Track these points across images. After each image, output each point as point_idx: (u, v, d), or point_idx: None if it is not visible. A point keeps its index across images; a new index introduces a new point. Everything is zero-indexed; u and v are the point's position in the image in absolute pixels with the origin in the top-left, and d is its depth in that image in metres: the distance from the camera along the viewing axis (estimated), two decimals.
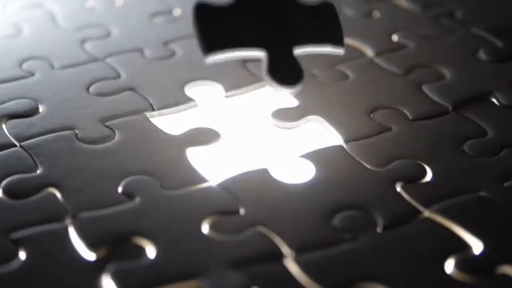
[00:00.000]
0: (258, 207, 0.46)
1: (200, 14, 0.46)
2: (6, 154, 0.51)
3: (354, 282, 0.42)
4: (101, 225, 0.45)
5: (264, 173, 0.49)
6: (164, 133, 0.53)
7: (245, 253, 0.43)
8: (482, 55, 0.62)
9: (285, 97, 0.55)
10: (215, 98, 0.57)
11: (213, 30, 0.46)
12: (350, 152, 0.51)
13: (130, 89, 0.58)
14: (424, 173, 0.49)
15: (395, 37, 0.65)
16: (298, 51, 0.48)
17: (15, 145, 0.52)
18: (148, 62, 0.62)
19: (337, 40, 0.49)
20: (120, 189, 0.48)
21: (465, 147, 0.51)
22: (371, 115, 0.54)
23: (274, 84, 0.46)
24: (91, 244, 0.44)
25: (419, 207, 0.46)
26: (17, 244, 0.44)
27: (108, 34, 0.66)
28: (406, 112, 0.55)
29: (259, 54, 0.47)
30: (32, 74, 0.60)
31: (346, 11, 0.69)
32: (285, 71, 0.47)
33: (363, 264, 0.43)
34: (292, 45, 0.48)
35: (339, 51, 0.50)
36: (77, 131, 0.53)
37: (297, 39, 0.48)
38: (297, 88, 0.47)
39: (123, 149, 0.51)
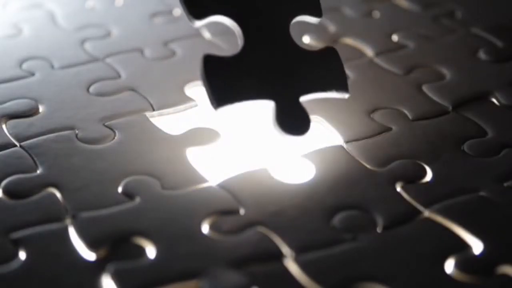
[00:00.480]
0: (258, 207, 0.46)
1: (208, 67, 0.47)
2: (6, 154, 0.51)
3: (354, 282, 0.42)
4: (101, 225, 0.45)
5: (264, 173, 0.49)
6: (164, 133, 0.53)
7: (245, 253, 0.43)
8: (482, 55, 0.62)
9: None
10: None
11: (221, 84, 0.47)
12: (350, 152, 0.51)
13: (130, 89, 0.58)
14: (424, 173, 0.49)
15: (395, 37, 0.65)
16: (304, 98, 0.49)
17: (15, 145, 0.52)
18: (148, 62, 0.62)
19: (341, 86, 0.50)
20: (120, 189, 0.48)
21: (465, 147, 0.51)
22: (371, 115, 0.55)
23: (283, 133, 0.47)
24: (91, 244, 0.44)
25: (419, 207, 0.46)
26: (17, 244, 0.44)
27: (108, 34, 0.66)
28: (406, 112, 0.55)
29: (267, 104, 0.48)
30: (32, 74, 0.60)
31: (346, 11, 0.69)
32: (292, 121, 0.48)
33: (363, 264, 0.43)
34: (299, 94, 0.49)
35: (343, 96, 0.50)
36: (77, 131, 0.53)
37: (303, 88, 0.49)
38: (305, 136, 0.48)
39: (123, 149, 0.51)
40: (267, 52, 0.49)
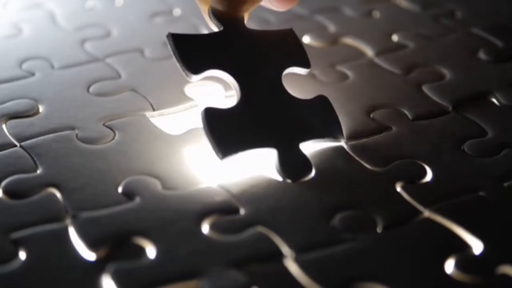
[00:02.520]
0: (258, 207, 0.46)
1: (209, 119, 0.49)
2: (6, 154, 0.51)
3: (354, 282, 0.42)
4: (101, 225, 0.45)
5: (264, 173, 0.49)
6: (164, 133, 0.53)
7: (245, 253, 0.43)
8: (482, 55, 0.62)
9: None
10: (215, 98, 0.57)
11: (224, 135, 0.49)
12: (350, 152, 0.51)
13: (130, 89, 0.58)
14: (424, 173, 0.49)
15: (395, 37, 0.65)
16: (304, 144, 0.50)
17: (15, 145, 0.52)
18: (148, 62, 0.62)
19: (336, 133, 0.51)
20: (120, 189, 0.48)
21: (465, 147, 0.51)
22: (371, 115, 0.55)
23: (286, 179, 0.48)
24: (91, 244, 0.44)
25: (419, 207, 0.46)
26: (17, 244, 0.44)
27: (108, 34, 0.66)
28: (406, 112, 0.55)
29: (270, 151, 0.49)
30: (32, 74, 0.60)
31: (346, 11, 0.69)
32: (295, 167, 0.49)
33: (363, 264, 0.43)
34: (298, 141, 0.50)
35: (339, 142, 0.51)
36: (77, 131, 0.53)
37: (301, 135, 0.50)
38: (308, 178, 0.49)
39: (123, 149, 0.51)
40: (264, 102, 0.51)
